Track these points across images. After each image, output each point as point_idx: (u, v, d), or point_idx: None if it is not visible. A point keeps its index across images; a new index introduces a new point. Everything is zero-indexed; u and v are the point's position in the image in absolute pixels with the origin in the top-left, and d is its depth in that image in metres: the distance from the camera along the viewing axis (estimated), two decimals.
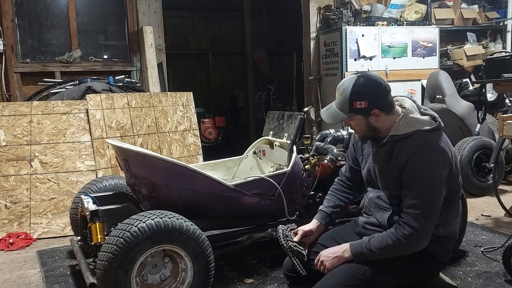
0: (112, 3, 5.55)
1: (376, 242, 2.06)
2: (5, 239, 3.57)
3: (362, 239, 2.13)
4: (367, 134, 2.18)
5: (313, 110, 5.87)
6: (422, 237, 2.02)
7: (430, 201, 2.00)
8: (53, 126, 4.06)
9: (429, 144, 2.02)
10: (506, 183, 4.86)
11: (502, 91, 4.68)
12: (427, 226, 2.01)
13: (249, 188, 2.71)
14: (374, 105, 2.06)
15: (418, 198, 2.00)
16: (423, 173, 1.99)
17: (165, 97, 4.73)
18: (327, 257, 2.14)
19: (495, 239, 3.22)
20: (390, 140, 2.11)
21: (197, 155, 4.78)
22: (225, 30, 9.40)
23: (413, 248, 2.06)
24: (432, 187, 2.00)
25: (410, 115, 2.11)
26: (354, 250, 2.09)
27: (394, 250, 2.05)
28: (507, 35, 6.51)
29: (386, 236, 2.05)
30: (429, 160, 2.00)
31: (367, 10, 5.71)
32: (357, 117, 2.10)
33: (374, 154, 2.22)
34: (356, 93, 2.05)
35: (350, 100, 2.06)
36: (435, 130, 2.08)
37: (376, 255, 2.05)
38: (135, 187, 2.66)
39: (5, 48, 4.90)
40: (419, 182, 2.00)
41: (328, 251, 2.17)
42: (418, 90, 5.72)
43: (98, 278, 2.16)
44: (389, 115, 2.11)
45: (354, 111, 2.07)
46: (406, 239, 2.00)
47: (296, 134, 3.02)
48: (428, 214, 2.00)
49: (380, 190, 2.22)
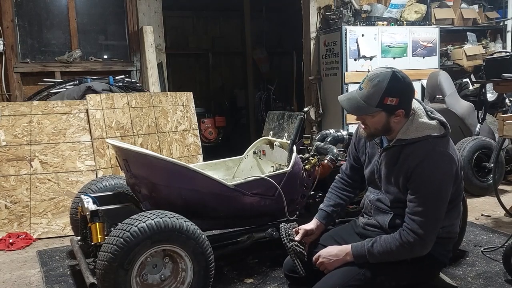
0: (112, 3, 5.55)
1: (380, 247, 2.04)
2: (5, 239, 3.57)
3: (364, 241, 2.12)
4: (378, 133, 2.11)
5: (313, 110, 5.87)
6: (427, 243, 2.02)
7: (436, 209, 2.00)
8: (53, 126, 4.06)
9: (438, 151, 2.00)
10: (506, 183, 4.86)
11: (502, 91, 4.68)
12: (431, 233, 2.01)
13: (249, 188, 2.71)
14: (402, 105, 2.01)
15: (424, 206, 1.98)
16: (431, 181, 1.97)
17: (165, 97, 4.73)
18: (328, 259, 2.13)
19: (495, 239, 3.22)
20: (397, 144, 2.08)
21: (197, 155, 4.78)
22: (225, 30, 9.40)
23: (416, 254, 2.05)
24: (439, 195, 1.99)
25: (420, 120, 2.06)
26: (355, 253, 2.09)
27: (396, 255, 2.04)
28: (507, 35, 6.51)
29: (391, 242, 2.03)
30: (437, 168, 1.98)
31: (367, 10, 5.70)
32: (381, 113, 2.02)
33: (379, 156, 2.20)
34: (391, 88, 1.96)
35: (384, 94, 1.96)
36: (443, 136, 2.06)
37: (377, 259, 2.05)
38: (135, 187, 2.66)
39: (5, 48, 4.89)
40: (426, 189, 1.98)
41: (329, 252, 2.16)
42: (418, 90, 5.71)
43: (98, 278, 2.16)
44: (405, 117, 2.07)
45: (382, 106, 1.99)
46: (410, 246, 2.00)
47: (296, 134, 3.02)
48: (433, 221, 2.00)
49: (381, 192, 2.21)
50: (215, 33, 9.33)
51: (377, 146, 2.22)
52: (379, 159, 2.20)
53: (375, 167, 2.22)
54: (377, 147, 2.22)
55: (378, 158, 2.20)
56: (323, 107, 5.83)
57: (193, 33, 9.13)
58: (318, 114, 5.84)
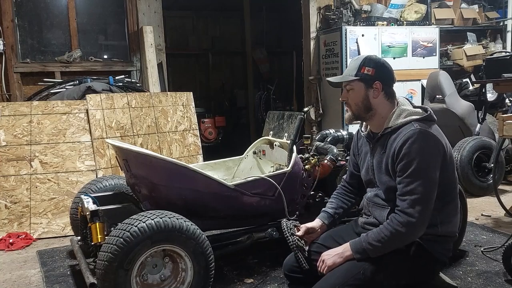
0: (112, 3, 5.55)
1: (373, 235, 2.06)
2: (5, 239, 3.57)
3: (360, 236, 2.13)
4: (360, 111, 2.20)
5: (313, 110, 5.87)
6: (419, 224, 2.00)
7: (425, 187, 2.00)
8: (53, 126, 4.06)
9: (422, 132, 2.04)
10: (506, 183, 4.86)
11: (502, 91, 4.68)
12: (423, 212, 1.99)
13: (249, 188, 2.71)
14: (379, 77, 2.15)
15: (412, 185, 1.99)
16: (417, 160, 2.00)
17: (165, 97, 4.73)
18: (329, 255, 2.14)
19: (495, 239, 3.22)
20: (384, 133, 2.16)
21: (197, 155, 4.78)
22: (225, 30, 9.40)
23: (410, 236, 2.04)
24: (426, 173, 2.00)
25: (402, 107, 2.17)
26: (354, 247, 2.10)
27: (392, 241, 2.03)
28: (507, 35, 6.51)
29: (383, 227, 2.05)
30: (422, 147, 2.01)
31: (367, 10, 5.71)
32: (359, 84, 2.17)
33: (371, 150, 2.24)
34: (368, 59, 2.17)
35: (361, 64, 2.16)
36: (426, 119, 2.12)
37: (376, 249, 2.04)
38: (135, 187, 2.66)
39: (5, 48, 4.89)
40: (413, 169, 2.00)
41: (330, 251, 2.18)
42: (418, 90, 5.72)
43: (98, 278, 2.16)
44: (387, 100, 2.17)
45: (359, 75, 2.15)
46: (402, 227, 1.99)
47: (296, 134, 3.02)
48: (424, 200, 1.99)
49: (378, 188, 2.22)
50: (215, 33, 9.33)
51: (369, 142, 2.26)
52: (371, 153, 2.24)
53: (369, 163, 2.25)
54: (369, 143, 2.26)
55: (370, 153, 2.25)
56: (323, 107, 5.83)
57: (193, 33, 9.13)
58: (318, 114, 5.84)
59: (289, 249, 2.29)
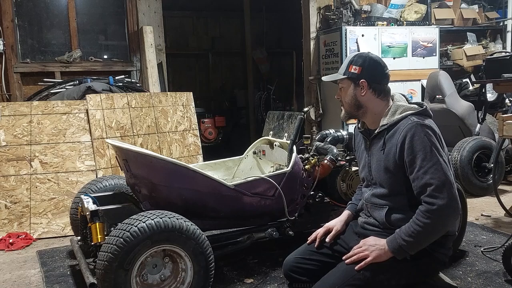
0: (112, 3, 5.55)
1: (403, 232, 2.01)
2: (5, 239, 3.57)
3: (394, 233, 2.07)
4: (351, 109, 2.22)
5: (313, 110, 5.87)
6: (452, 207, 1.96)
7: (439, 172, 1.98)
8: (53, 126, 4.06)
9: (418, 124, 2.05)
10: (506, 183, 4.86)
11: (502, 91, 4.68)
12: (450, 194, 1.95)
13: (249, 188, 2.71)
14: (364, 75, 2.16)
15: (426, 176, 1.98)
16: (422, 151, 2.00)
17: (165, 97, 4.73)
18: (372, 247, 2.07)
19: (495, 239, 3.22)
20: (381, 130, 2.16)
21: (197, 155, 4.78)
22: (225, 30, 9.40)
23: (447, 223, 2.00)
24: (435, 158, 1.99)
25: (397, 103, 2.18)
26: (391, 247, 2.04)
27: (428, 233, 1.99)
28: (507, 35, 6.51)
29: (412, 222, 2.00)
30: (423, 136, 2.02)
31: (367, 10, 5.71)
32: (348, 82, 2.20)
33: (368, 148, 2.25)
34: (356, 58, 2.20)
35: (349, 62, 2.20)
36: (421, 114, 2.13)
37: (413, 245, 2.00)
38: (135, 187, 2.66)
39: (5, 48, 4.90)
40: (421, 159, 1.99)
41: (371, 242, 2.09)
42: (418, 90, 5.72)
43: (98, 278, 2.16)
44: (377, 97, 2.18)
45: (347, 73, 2.19)
46: (436, 215, 1.95)
47: (296, 134, 3.02)
48: (445, 183, 1.96)
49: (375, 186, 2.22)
50: (215, 33, 9.33)
51: (365, 139, 2.27)
52: (368, 150, 2.25)
53: (366, 160, 2.25)
54: (365, 140, 2.27)
55: (367, 150, 2.25)
56: (323, 107, 5.83)
57: (193, 33, 9.13)
58: (318, 114, 5.84)
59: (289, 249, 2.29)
